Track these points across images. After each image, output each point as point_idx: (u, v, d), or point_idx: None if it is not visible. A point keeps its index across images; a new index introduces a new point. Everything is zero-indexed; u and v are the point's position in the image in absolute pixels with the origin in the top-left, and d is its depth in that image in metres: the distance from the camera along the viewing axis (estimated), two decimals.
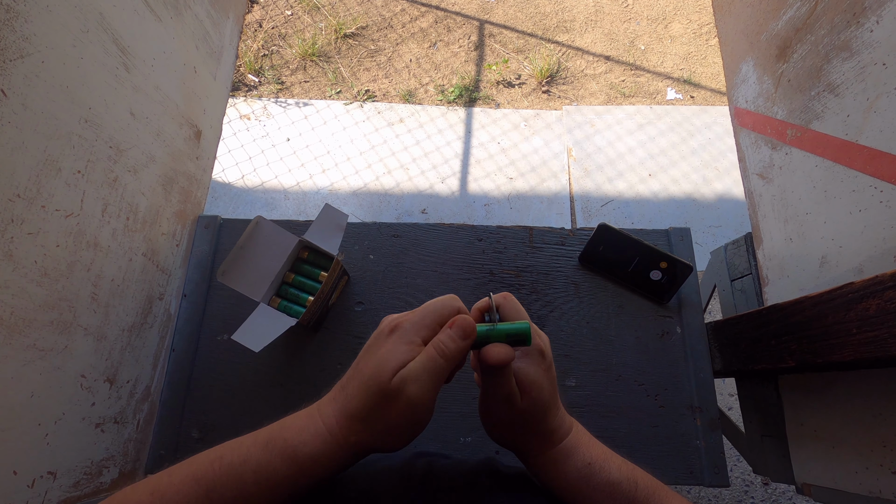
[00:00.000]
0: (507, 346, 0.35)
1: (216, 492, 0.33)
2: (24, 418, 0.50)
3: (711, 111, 2.26)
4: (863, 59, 0.63)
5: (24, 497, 0.50)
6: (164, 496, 0.33)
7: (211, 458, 0.35)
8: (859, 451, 0.65)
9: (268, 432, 0.36)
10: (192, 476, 0.34)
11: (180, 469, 0.35)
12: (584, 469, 0.39)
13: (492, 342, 0.35)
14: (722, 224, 1.98)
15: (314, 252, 0.72)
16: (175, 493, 0.33)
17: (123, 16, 0.60)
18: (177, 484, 0.33)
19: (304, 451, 0.33)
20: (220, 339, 0.76)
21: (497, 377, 0.36)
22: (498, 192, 2.05)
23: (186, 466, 0.35)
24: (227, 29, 0.88)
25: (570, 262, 0.82)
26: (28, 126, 0.47)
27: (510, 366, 0.36)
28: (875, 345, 0.51)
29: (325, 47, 2.34)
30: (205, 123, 0.83)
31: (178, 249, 0.79)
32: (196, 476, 0.34)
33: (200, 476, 0.33)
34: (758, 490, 1.53)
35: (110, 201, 0.61)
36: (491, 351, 0.34)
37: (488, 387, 0.37)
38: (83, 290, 0.57)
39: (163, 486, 0.33)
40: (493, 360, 0.34)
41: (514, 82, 2.32)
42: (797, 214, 0.76)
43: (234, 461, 0.34)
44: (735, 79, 0.93)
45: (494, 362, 0.34)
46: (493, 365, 0.34)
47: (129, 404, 0.68)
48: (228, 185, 2.02)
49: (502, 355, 0.34)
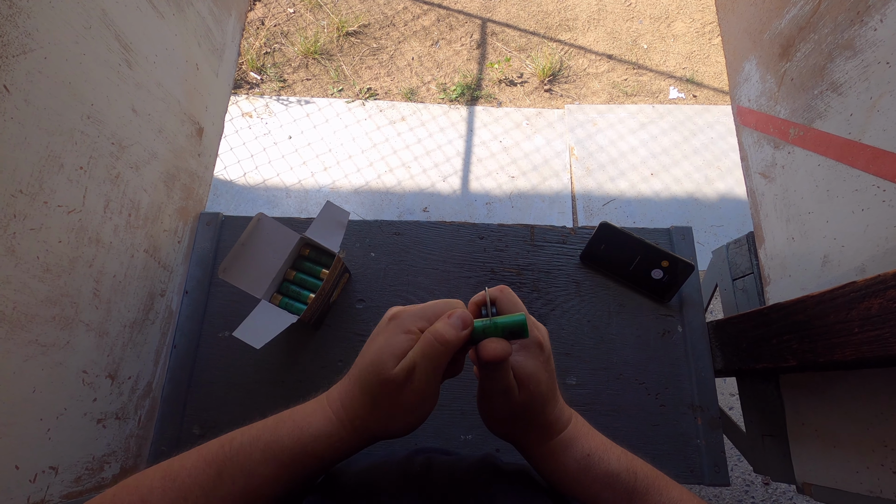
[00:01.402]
0: (504, 342, 0.34)
1: (227, 472, 0.33)
2: (26, 413, 0.50)
3: (714, 110, 2.25)
4: (866, 58, 0.63)
5: (25, 492, 0.50)
6: (177, 479, 0.33)
7: (221, 441, 0.35)
8: (860, 450, 0.65)
9: (279, 415, 0.37)
10: (203, 458, 0.34)
11: (191, 454, 0.35)
12: (583, 460, 0.39)
13: (489, 336, 0.35)
14: (724, 223, 1.98)
15: (315, 249, 0.72)
16: (187, 475, 0.34)
17: (126, 12, 0.60)
18: (188, 467, 0.34)
19: (310, 431, 0.34)
20: (222, 336, 0.76)
21: (495, 371, 0.36)
22: (499, 191, 2.05)
23: (197, 452, 0.35)
24: (229, 26, 0.88)
25: (571, 260, 0.82)
26: (31, 122, 0.48)
27: (508, 360, 0.36)
28: (877, 344, 0.51)
29: (327, 45, 2.34)
30: (207, 120, 0.83)
31: (180, 246, 0.79)
32: (207, 459, 0.34)
33: (211, 458, 0.34)
34: (758, 490, 1.53)
35: (112, 197, 0.61)
36: (488, 346, 0.34)
37: (486, 381, 0.37)
38: (85, 286, 0.57)
39: (174, 469, 0.34)
40: (490, 356, 0.34)
41: (516, 81, 2.31)
42: (799, 213, 0.75)
43: (245, 441, 0.35)
44: (738, 77, 0.93)
45: (491, 358, 0.34)
46: (490, 360, 0.34)
47: (131, 400, 0.68)
48: (230, 182, 2.02)
49: (499, 351, 0.34)
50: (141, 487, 0.34)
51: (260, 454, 0.34)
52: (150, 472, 0.35)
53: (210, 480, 0.33)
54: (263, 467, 0.34)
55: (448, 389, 0.73)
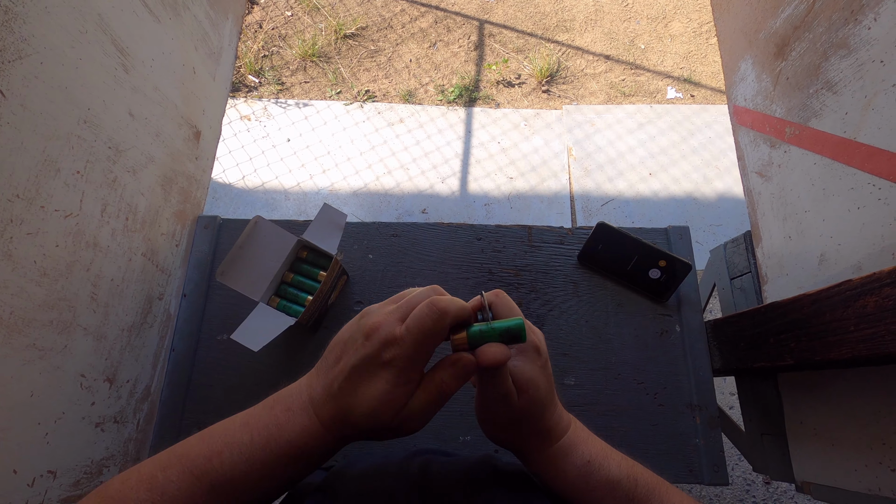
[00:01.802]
0: (503, 346, 0.34)
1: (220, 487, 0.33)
2: (24, 417, 0.50)
3: (712, 110, 2.26)
4: (861, 57, 0.63)
5: (24, 496, 0.50)
6: (165, 493, 0.32)
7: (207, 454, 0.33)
8: (858, 448, 0.65)
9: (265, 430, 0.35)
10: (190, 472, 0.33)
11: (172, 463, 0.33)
12: (583, 467, 0.39)
13: (486, 342, 0.34)
14: (722, 223, 1.98)
15: (313, 252, 0.72)
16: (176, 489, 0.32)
17: (122, 17, 0.60)
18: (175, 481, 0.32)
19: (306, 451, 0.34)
20: (220, 339, 0.76)
21: (494, 377, 0.35)
22: (498, 192, 2.05)
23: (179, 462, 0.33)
24: (225, 30, 0.88)
25: (569, 260, 0.82)
26: (27, 127, 0.48)
27: (506, 365, 0.35)
28: (873, 342, 0.51)
29: (325, 48, 2.35)
30: (204, 124, 0.83)
31: (178, 249, 0.79)
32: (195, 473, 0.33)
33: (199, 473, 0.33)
34: (759, 489, 1.53)
35: (109, 201, 0.61)
36: (487, 352, 0.33)
37: (485, 387, 0.37)
38: (82, 290, 0.58)
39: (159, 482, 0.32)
40: (490, 361, 0.33)
41: (513, 82, 2.32)
42: (796, 212, 0.75)
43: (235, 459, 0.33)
44: (734, 77, 0.93)
45: (491, 363, 0.33)
46: (489, 365, 0.33)
47: (129, 404, 0.68)
48: (229, 185, 2.02)
49: (498, 355, 0.33)
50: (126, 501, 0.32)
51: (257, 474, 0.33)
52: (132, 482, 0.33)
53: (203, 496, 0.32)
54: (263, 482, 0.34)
55: None
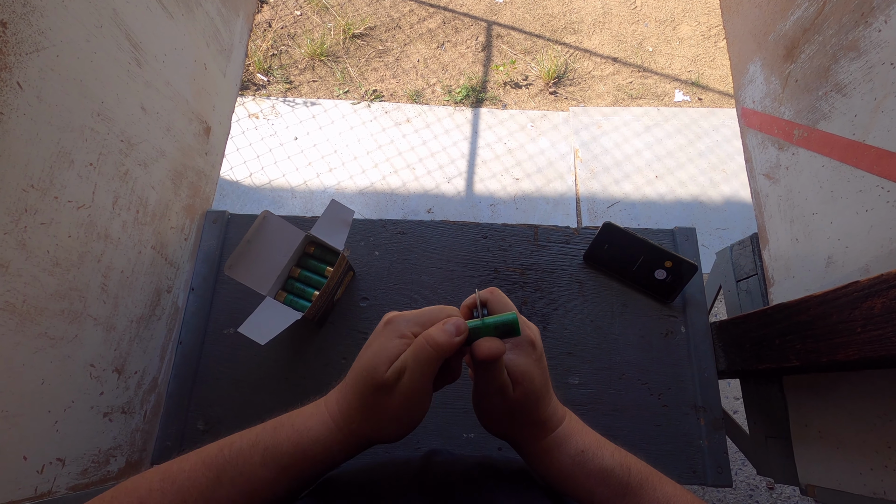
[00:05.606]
0: (498, 340, 0.35)
1: (226, 475, 0.34)
2: (34, 405, 0.51)
3: (719, 113, 2.25)
4: (871, 59, 0.63)
5: (33, 483, 0.51)
6: (175, 481, 0.34)
7: (221, 445, 0.36)
8: (864, 452, 0.65)
9: (277, 419, 0.37)
10: (202, 461, 0.35)
11: (190, 456, 0.36)
12: (577, 456, 0.39)
13: (482, 336, 0.36)
14: (729, 227, 1.97)
15: (320, 247, 0.73)
16: (185, 478, 0.34)
17: (136, 12, 0.61)
18: (187, 470, 0.34)
19: (309, 435, 0.35)
20: (227, 333, 0.77)
21: (489, 370, 0.36)
22: (504, 193, 2.06)
23: (196, 454, 0.36)
24: (237, 27, 0.89)
25: (574, 260, 0.82)
26: (42, 118, 0.48)
27: (502, 358, 0.37)
28: (880, 343, 0.51)
29: (333, 47, 2.36)
30: (214, 120, 0.84)
31: (187, 243, 0.80)
32: (206, 461, 0.35)
33: (210, 461, 0.35)
34: (763, 493, 1.52)
35: (121, 194, 0.62)
36: (482, 345, 0.35)
37: (481, 380, 0.38)
38: (93, 281, 0.58)
39: (173, 471, 0.35)
40: (485, 354, 0.34)
41: (521, 83, 2.32)
42: (803, 215, 0.75)
43: (244, 445, 0.35)
44: (742, 79, 0.93)
45: (486, 356, 0.34)
46: (484, 359, 0.35)
47: (137, 395, 0.69)
48: (237, 182, 2.03)
49: (493, 349, 0.35)
50: (139, 489, 0.34)
51: (259, 458, 0.34)
52: (149, 473, 0.35)
53: (209, 483, 0.34)
54: (262, 470, 0.34)
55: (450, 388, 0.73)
